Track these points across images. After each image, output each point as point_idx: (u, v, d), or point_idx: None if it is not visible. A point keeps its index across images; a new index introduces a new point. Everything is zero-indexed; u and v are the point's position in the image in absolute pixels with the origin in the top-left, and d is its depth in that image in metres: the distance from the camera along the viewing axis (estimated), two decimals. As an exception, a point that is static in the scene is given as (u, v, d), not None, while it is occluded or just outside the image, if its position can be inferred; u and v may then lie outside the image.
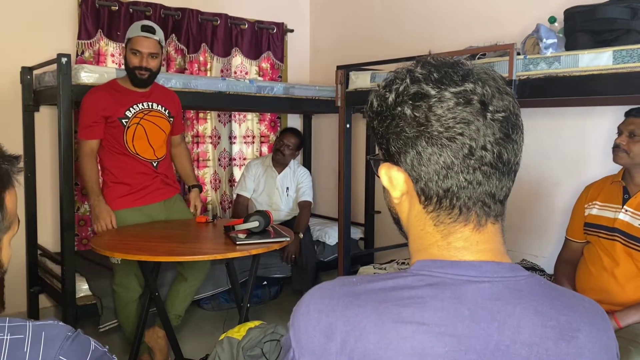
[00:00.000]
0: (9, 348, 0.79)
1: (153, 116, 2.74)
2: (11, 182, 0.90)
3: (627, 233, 2.01)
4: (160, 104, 2.77)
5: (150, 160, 2.75)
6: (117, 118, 2.64)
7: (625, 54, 1.92)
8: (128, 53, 2.63)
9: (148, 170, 2.75)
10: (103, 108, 2.63)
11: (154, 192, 2.77)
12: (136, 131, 2.69)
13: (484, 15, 3.20)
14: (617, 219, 2.07)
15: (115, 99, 2.65)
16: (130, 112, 2.67)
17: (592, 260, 2.13)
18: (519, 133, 0.72)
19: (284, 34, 4.42)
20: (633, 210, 2.03)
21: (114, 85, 2.71)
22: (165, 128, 2.80)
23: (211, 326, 3.32)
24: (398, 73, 0.74)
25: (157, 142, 2.77)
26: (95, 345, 0.86)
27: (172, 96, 2.87)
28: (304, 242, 3.61)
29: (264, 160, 3.95)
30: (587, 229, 2.20)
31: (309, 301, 0.72)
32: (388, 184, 0.76)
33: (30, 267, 3.30)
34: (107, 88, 2.69)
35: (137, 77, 2.64)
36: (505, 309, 0.68)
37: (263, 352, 1.69)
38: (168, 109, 2.80)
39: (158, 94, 2.78)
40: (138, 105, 2.69)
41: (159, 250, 2.23)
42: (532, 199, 2.95)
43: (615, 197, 2.11)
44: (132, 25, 2.70)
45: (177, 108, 2.88)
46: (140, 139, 2.71)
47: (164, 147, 2.81)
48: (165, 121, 2.79)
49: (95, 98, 2.64)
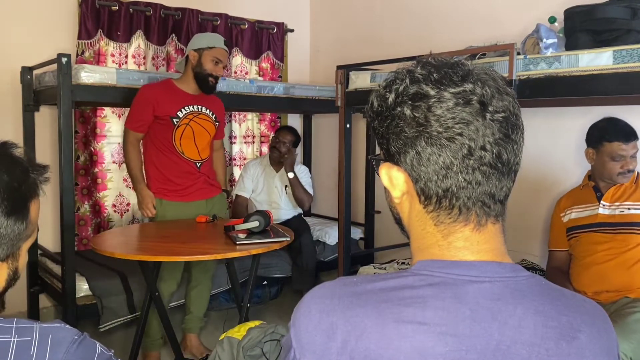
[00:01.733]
0: (16, 350, 0.79)
1: (202, 119, 2.86)
2: (37, 193, 0.91)
3: (610, 223, 2.23)
4: (208, 109, 2.89)
5: (194, 161, 2.86)
6: (169, 117, 2.75)
7: (625, 53, 1.92)
8: (206, 59, 2.77)
9: (192, 170, 2.86)
10: (155, 104, 2.73)
11: (198, 191, 2.88)
12: (185, 131, 2.80)
13: (484, 15, 3.20)
14: (598, 214, 2.27)
15: (169, 98, 2.77)
16: (182, 113, 2.79)
17: (582, 255, 2.29)
18: (519, 133, 0.72)
19: (284, 34, 4.42)
20: (609, 203, 2.26)
21: (169, 85, 2.83)
22: (211, 131, 2.92)
23: (211, 326, 3.32)
24: (398, 73, 0.75)
25: (202, 143, 2.88)
26: (101, 349, 0.86)
27: (218, 102, 3.00)
28: (305, 242, 3.60)
29: (262, 160, 3.95)
30: (571, 233, 2.38)
31: (309, 301, 0.72)
32: (388, 184, 0.77)
33: (30, 267, 3.30)
34: (162, 86, 2.82)
35: (209, 83, 2.80)
36: (506, 309, 0.68)
37: (263, 352, 1.69)
38: (215, 114, 2.93)
39: (207, 99, 2.90)
40: (189, 107, 2.82)
41: (160, 250, 2.23)
42: (532, 199, 2.95)
43: (590, 198, 2.33)
44: (209, 34, 2.97)
45: (222, 113, 3.01)
46: (188, 139, 2.82)
47: (207, 149, 2.93)
48: (212, 125, 2.91)
49: (151, 93, 2.75)
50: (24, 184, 0.88)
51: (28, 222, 0.89)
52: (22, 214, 0.88)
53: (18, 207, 0.87)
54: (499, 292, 0.69)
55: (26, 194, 0.89)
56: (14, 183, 0.87)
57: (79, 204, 3.59)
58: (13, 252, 0.89)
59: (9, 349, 0.78)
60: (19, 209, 0.87)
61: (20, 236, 0.89)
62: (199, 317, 3.01)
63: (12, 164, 0.88)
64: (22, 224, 0.88)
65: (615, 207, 2.23)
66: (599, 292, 2.16)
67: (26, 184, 0.89)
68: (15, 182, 0.87)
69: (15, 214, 0.87)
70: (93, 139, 3.62)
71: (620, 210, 2.20)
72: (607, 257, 2.19)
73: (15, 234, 0.87)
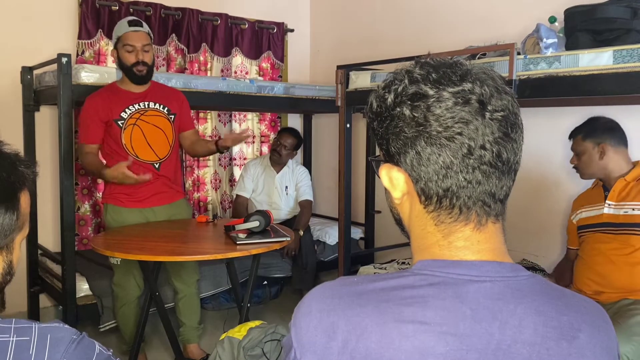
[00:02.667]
0: (15, 350, 0.79)
1: (150, 116, 2.67)
2: (26, 184, 0.92)
3: (614, 223, 2.20)
4: (158, 103, 2.70)
5: (151, 162, 2.68)
6: (113, 120, 2.60)
7: (625, 53, 1.92)
8: (121, 52, 2.58)
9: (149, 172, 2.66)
10: (100, 112, 2.60)
11: (156, 195, 2.70)
12: (133, 132, 2.63)
13: (484, 15, 3.20)
14: (603, 214, 2.25)
15: (111, 102, 2.61)
16: (126, 113, 2.62)
17: (587, 254, 2.28)
18: (518, 132, 0.73)
19: (284, 34, 4.42)
20: (615, 202, 2.22)
21: (112, 88, 2.68)
22: (165, 127, 2.71)
23: (212, 326, 3.32)
24: (397, 74, 0.75)
25: (157, 141, 2.69)
26: (99, 348, 0.86)
27: (172, 93, 2.80)
28: (305, 242, 3.61)
29: (262, 160, 3.95)
30: (580, 232, 2.37)
31: (310, 301, 0.73)
32: (389, 185, 0.77)
33: (30, 266, 3.31)
34: (104, 91, 2.66)
35: (136, 75, 2.59)
36: (507, 308, 0.68)
37: (264, 352, 1.69)
38: (168, 107, 2.72)
39: (156, 93, 2.71)
40: (134, 105, 2.64)
41: (159, 250, 2.23)
42: (532, 198, 2.95)
43: (598, 197, 2.31)
44: (117, 24, 2.65)
45: (179, 104, 2.79)
46: (138, 140, 2.65)
47: (166, 147, 2.71)
48: (164, 120, 2.71)
49: (92, 102, 2.62)
50: (12, 175, 0.89)
51: (19, 214, 0.90)
52: (12, 203, 0.89)
53: (7, 197, 0.88)
54: (500, 292, 0.69)
55: (15, 184, 0.90)
56: (2, 173, 0.88)
57: (79, 204, 3.59)
58: (7, 243, 0.90)
59: (7, 349, 0.79)
60: (8, 198, 0.88)
61: (13, 227, 0.89)
62: (193, 327, 2.91)
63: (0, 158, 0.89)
64: (13, 214, 0.89)
65: (621, 207, 2.20)
66: (599, 292, 2.16)
67: (15, 175, 0.89)
68: (3, 172, 0.88)
69: (5, 204, 0.88)
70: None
71: (625, 211, 2.17)
72: (609, 257, 2.18)
73: (7, 224, 0.88)
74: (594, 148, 2.23)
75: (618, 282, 2.14)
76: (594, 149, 2.23)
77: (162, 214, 2.74)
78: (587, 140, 2.25)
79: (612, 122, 2.28)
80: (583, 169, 2.30)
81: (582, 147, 2.27)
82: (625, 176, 2.20)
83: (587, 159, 2.26)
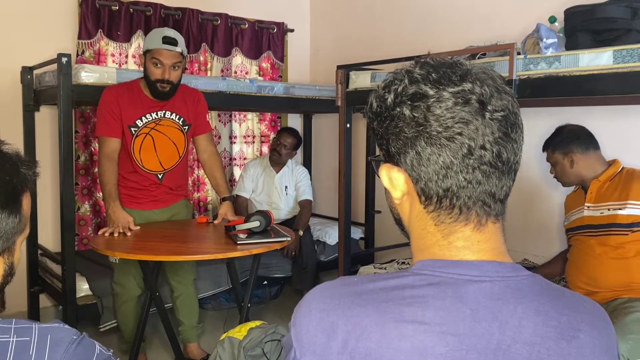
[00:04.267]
0: (15, 350, 0.79)
1: (164, 126, 2.62)
2: (28, 186, 0.92)
3: (594, 225, 2.22)
4: (175, 112, 2.63)
5: (155, 172, 2.64)
6: (127, 125, 2.55)
7: (625, 53, 1.92)
8: (148, 63, 2.47)
9: (150, 184, 2.66)
10: (119, 106, 2.53)
11: (153, 201, 2.69)
12: (144, 142, 2.58)
13: (484, 15, 3.20)
14: (584, 217, 2.28)
15: (132, 104, 2.55)
16: (141, 122, 2.57)
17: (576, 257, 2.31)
18: (518, 132, 0.72)
19: (284, 34, 4.42)
20: (593, 204, 2.25)
21: (134, 88, 2.59)
22: (177, 139, 2.66)
23: (212, 326, 3.32)
24: (397, 74, 0.75)
25: (166, 152, 2.64)
26: (100, 349, 0.86)
27: (191, 96, 2.70)
28: (305, 242, 3.61)
29: (262, 160, 3.95)
30: (568, 235, 2.41)
31: (310, 301, 0.73)
32: (389, 185, 0.77)
33: (30, 266, 3.30)
34: (125, 90, 2.57)
35: (158, 90, 2.51)
36: (507, 308, 0.68)
37: (264, 352, 1.69)
38: (183, 117, 2.66)
39: (175, 100, 2.62)
40: (151, 114, 2.58)
41: (160, 250, 2.23)
42: (533, 198, 2.95)
43: (580, 200, 2.33)
44: (151, 33, 2.54)
45: (197, 109, 2.70)
46: (147, 150, 2.60)
47: (174, 159, 2.67)
48: (177, 131, 2.65)
49: (111, 98, 2.54)
50: (15, 177, 0.89)
51: (21, 216, 0.90)
52: (15, 207, 0.89)
53: (11, 200, 0.88)
54: (500, 292, 0.69)
55: (18, 187, 0.90)
56: (5, 177, 0.88)
57: (79, 204, 3.59)
58: (8, 246, 0.90)
59: (7, 349, 0.79)
60: (11, 202, 0.88)
61: (15, 230, 0.90)
62: (192, 326, 2.90)
63: (1, 159, 0.89)
64: (15, 217, 0.89)
65: (598, 208, 2.24)
66: (593, 292, 2.15)
67: (17, 178, 0.89)
68: (6, 175, 0.88)
69: (9, 207, 0.88)
70: (93, 139, 3.62)
71: (601, 212, 2.21)
72: (596, 258, 2.19)
73: (10, 228, 0.88)
74: (564, 159, 2.28)
75: (608, 282, 2.15)
76: (564, 159, 2.28)
77: (162, 214, 2.75)
78: (556, 153, 2.31)
79: (576, 129, 2.31)
80: (560, 178, 2.36)
81: (553, 159, 2.33)
82: (599, 177, 2.23)
83: (560, 169, 2.32)
